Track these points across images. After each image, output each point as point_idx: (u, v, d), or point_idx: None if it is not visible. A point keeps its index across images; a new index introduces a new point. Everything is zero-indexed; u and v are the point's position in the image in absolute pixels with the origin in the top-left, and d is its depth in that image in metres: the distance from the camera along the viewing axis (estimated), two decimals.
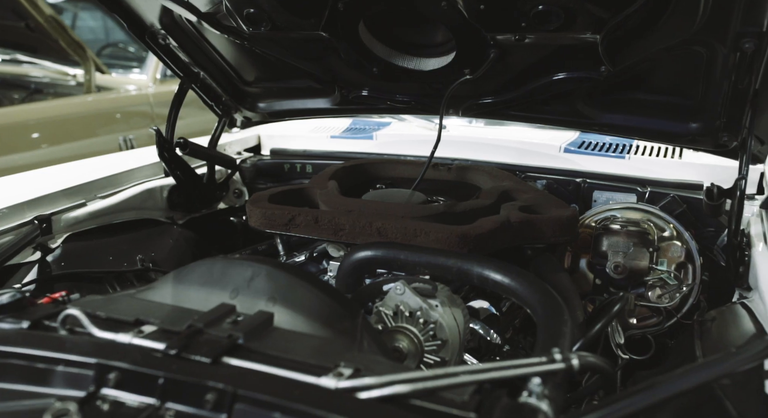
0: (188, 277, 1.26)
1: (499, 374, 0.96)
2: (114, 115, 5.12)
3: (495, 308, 1.71)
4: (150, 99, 5.38)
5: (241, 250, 2.19)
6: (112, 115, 5.10)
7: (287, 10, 1.78)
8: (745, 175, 1.57)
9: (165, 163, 2.22)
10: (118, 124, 5.10)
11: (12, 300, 1.15)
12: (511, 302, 1.75)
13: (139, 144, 5.13)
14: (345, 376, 0.96)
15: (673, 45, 1.61)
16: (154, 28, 2.06)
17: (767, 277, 1.46)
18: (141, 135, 5.23)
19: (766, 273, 1.47)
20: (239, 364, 1.00)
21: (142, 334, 1.08)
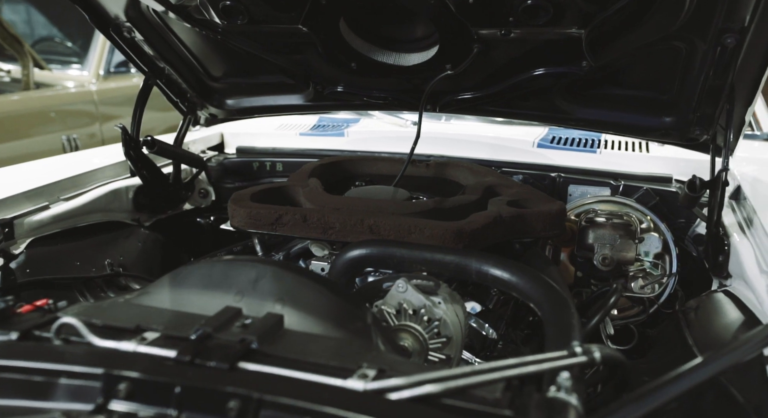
0: (187, 280, 1.20)
1: (526, 370, 0.95)
2: (55, 113, 4.88)
3: (482, 305, 1.70)
4: (94, 96, 5.16)
5: (217, 251, 2.11)
6: (53, 113, 4.86)
7: (266, 3, 1.72)
8: (726, 167, 1.62)
9: (131, 162, 2.12)
10: (60, 123, 4.87)
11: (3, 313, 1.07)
12: (497, 298, 1.76)
13: (83, 144, 4.91)
14: (370, 377, 0.93)
15: (655, 41, 1.64)
16: (118, 20, 1.96)
17: (752, 264, 1.50)
18: (85, 134, 5.02)
19: (751, 261, 1.52)
20: (258, 369, 0.95)
21: (146, 341, 1.02)
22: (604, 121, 2.01)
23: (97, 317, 1.09)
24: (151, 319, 1.09)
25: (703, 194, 1.69)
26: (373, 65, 1.93)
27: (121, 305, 1.16)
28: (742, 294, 1.52)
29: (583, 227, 1.79)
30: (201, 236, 2.52)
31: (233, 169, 2.56)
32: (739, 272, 1.57)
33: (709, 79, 1.69)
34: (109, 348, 1.00)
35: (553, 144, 2.40)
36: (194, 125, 2.50)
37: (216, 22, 1.83)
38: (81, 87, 5.20)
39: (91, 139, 5.12)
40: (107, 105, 5.30)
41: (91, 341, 1.01)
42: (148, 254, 2.13)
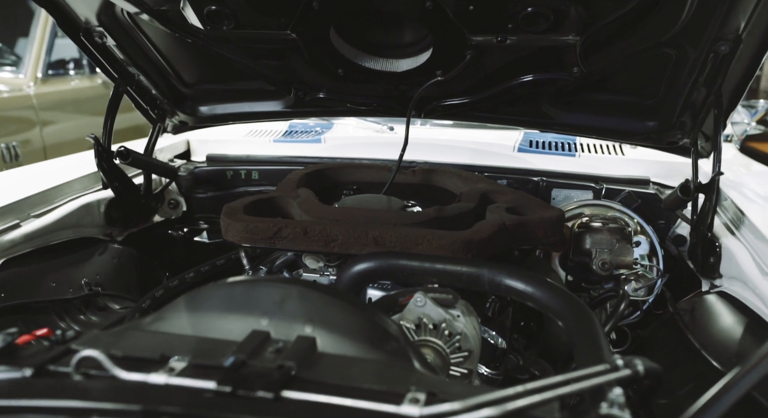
0: (205, 303, 1.13)
1: (576, 387, 0.93)
2: None
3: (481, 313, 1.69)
4: (33, 101, 4.89)
5: (200, 266, 2.02)
6: None
7: (256, 9, 1.66)
8: (720, 171, 1.65)
9: (103, 174, 2.00)
10: None
11: (4, 345, 0.98)
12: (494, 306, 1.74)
13: (24, 152, 4.65)
14: (422, 401, 0.89)
15: (647, 48, 1.66)
16: (89, 25, 1.85)
17: (751, 266, 1.54)
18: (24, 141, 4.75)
19: (749, 262, 1.56)
20: (304, 397, 0.90)
21: (175, 372, 0.95)
22: (588, 125, 2.04)
23: (113, 347, 1.02)
24: (173, 347, 1.02)
25: (694, 198, 1.73)
26: (360, 71, 1.89)
27: (137, 333, 1.08)
28: (741, 295, 1.56)
29: (579, 232, 1.80)
30: (174, 249, 2.41)
31: (205, 179, 2.47)
32: (735, 274, 1.61)
33: (697, 86, 1.73)
34: (138, 382, 0.93)
35: (532, 148, 2.42)
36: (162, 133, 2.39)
37: (197, 27, 1.75)
38: (18, 91, 4.93)
39: (30, 146, 4.86)
40: (48, 110, 5.05)
41: (116, 374, 0.93)
42: (123, 271, 2.02)
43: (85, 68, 6.24)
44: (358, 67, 1.88)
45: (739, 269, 1.58)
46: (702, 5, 1.46)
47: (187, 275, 1.94)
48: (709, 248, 1.73)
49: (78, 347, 1.00)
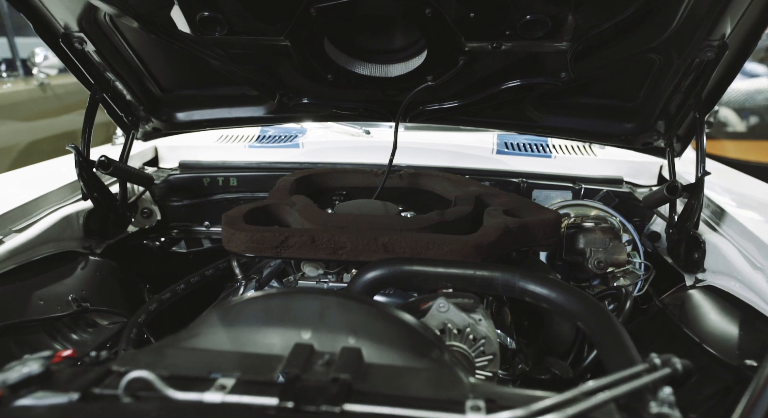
0: (241, 317, 1.10)
1: (626, 388, 0.96)
2: None
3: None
4: None
5: (189, 277, 1.96)
6: None
7: (252, 15, 1.63)
8: (706, 171, 1.73)
9: (83, 184, 1.92)
10: None
11: (44, 369, 0.93)
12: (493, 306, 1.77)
13: None
14: (483, 409, 0.90)
15: (634, 54, 1.73)
16: (69, 30, 1.77)
17: (739, 259, 1.62)
18: None
19: (736, 256, 1.64)
20: (367, 409, 0.90)
21: (227, 389, 0.93)
22: (569, 128, 2.10)
23: (154, 366, 0.99)
24: (217, 364, 1.00)
25: (679, 196, 1.80)
26: (350, 77, 1.89)
27: (175, 351, 1.05)
28: (729, 288, 1.64)
29: (573, 232, 1.85)
30: (150, 260, 2.34)
31: (180, 186, 2.40)
32: (721, 268, 1.69)
33: (678, 90, 1.81)
34: (193, 401, 0.91)
35: (509, 150, 2.47)
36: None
37: (186, 33, 1.71)
38: None
39: None
40: None
41: (168, 395, 0.90)
42: (106, 284, 1.95)
43: (19, 70, 5.95)
44: (348, 72, 1.87)
45: (727, 263, 1.66)
46: (693, 12, 1.53)
47: (178, 287, 1.88)
48: (693, 244, 1.81)
49: (120, 368, 0.97)
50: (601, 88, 1.99)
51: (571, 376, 1.46)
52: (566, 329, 1.67)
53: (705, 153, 1.75)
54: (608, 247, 1.76)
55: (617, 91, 1.99)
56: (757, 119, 6.73)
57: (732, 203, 1.95)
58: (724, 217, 1.84)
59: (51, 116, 5.74)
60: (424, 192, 2.09)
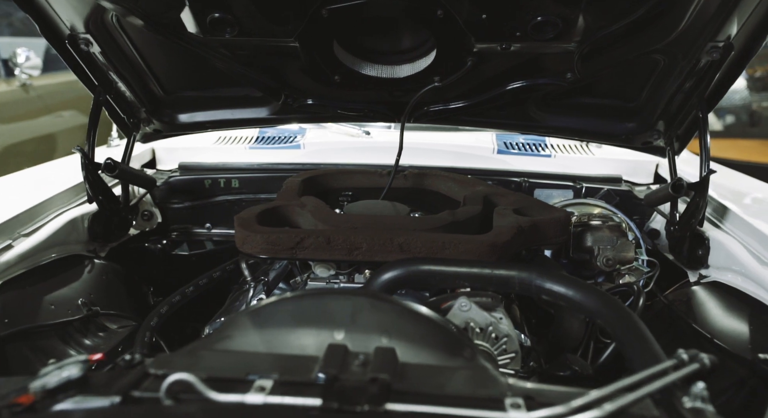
0: (273, 318, 1.11)
1: (661, 383, 0.97)
2: None
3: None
4: None
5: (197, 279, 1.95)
6: None
7: (263, 16, 1.63)
8: (711, 169, 1.77)
9: (89, 187, 1.90)
10: None
11: (83, 373, 0.93)
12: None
13: None
14: (523, 406, 0.92)
15: (640, 54, 1.76)
16: (75, 32, 1.76)
17: (745, 255, 1.66)
18: None
19: (742, 252, 1.68)
20: (410, 409, 0.91)
21: (266, 391, 0.93)
22: (571, 128, 2.13)
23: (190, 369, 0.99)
24: (253, 365, 1.00)
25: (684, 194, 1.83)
26: (357, 78, 1.89)
27: (210, 354, 1.05)
28: (735, 284, 1.67)
29: (580, 231, 1.88)
30: (152, 263, 2.32)
31: (181, 188, 2.38)
32: (727, 264, 1.73)
33: (681, 90, 1.84)
34: (235, 403, 0.91)
35: (509, 150, 2.49)
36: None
37: (194, 34, 1.70)
38: None
39: None
40: None
41: (210, 397, 0.90)
42: (112, 288, 1.93)
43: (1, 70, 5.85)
44: (355, 73, 1.88)
45: (732, 259, 1.69)
46: (701, 13, 1.56)
47: (187, 290, 1.87)
48: (697, 241, 1.85)
49: (157, 371, 0.97)
50: (603, 88, 2.01)
51: (590, 372, 1.48)
52: (576, 326, 1.69)
53: (709, 152, 1.78)
54: (616, 245, 1.79)
55: (619, 91, 2.02)
56: (733, 118, 6.88)
57: (731, 200, 1.99)
58: (726, 214, 1.87)
59: (33, 118, 5.66)
60: (429, 192, 2.10)
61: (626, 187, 2.32)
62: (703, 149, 1.80)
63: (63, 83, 5.80)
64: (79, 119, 5.70)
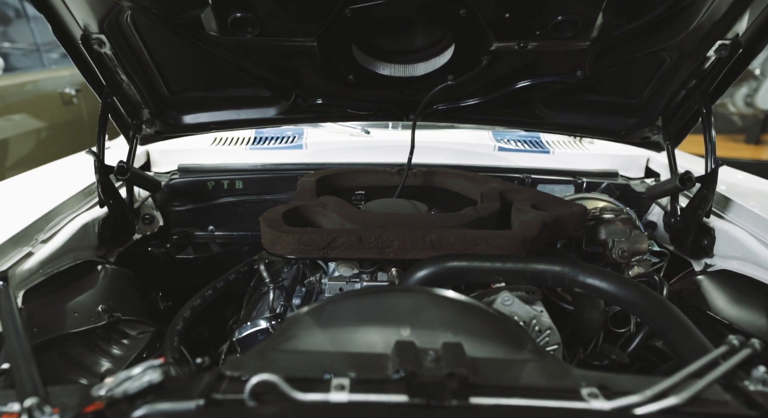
0: (336, 318, 1.11)
1: (724, 369, 1.01)
2: None
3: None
4: None
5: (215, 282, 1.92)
6: None
7: (286, 16, 1.63)
8: (720, 162, 1.84)
9: (102, 191, 1.86)
10: None
11: (163, 378, 0.92)
12: None
13: None
14: (600, 395, 0.94)
15: (650, 52, 1.81)
16: (88, 31, 1.72)
17: (754, 243, 1.73)
18: None
19: (751, 241, 1.75)
20: (494, 402, 0.93)
21: (346, 389, 0.94)
22: (575, 124, 2.18)
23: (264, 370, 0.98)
24: (326, 364, 1.00)
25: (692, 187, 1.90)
26: (371, 77, 1.90)
27: (280, 354, 1.05)
28: (744, 272, 1.75)
29: (594, 224, 1.92)
30: (158, 267, 2.28)
31: (183, 191, 2.35)
32: (737, 254, 1.80)
33: (686, 86, 1.91)
34: (320, 402, 0.91)
35: (509, 147, 2.53)
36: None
37: (211, 34, 1.69)
38: None
39: None
40: None
41: (294, 397, 0.91)
42: (126, 293, 1.90)
43: None
44: (369, 72, 1.89)
45: (743, 249, 1.76)
46: (714, 11, 1.62)
47: (206, 293, 1.85)
48: (703, 232, 1.92)
49: (234, 373, 0.97)
50: (607, 85, 2.07)
51: (627, 361, 1.52)
52: (595, 317, 1.74)
53: (714, 145, 1.85)
54: (630, 237, 1.85)
55: (623, 88, 2.07)
56: None
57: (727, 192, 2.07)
58: (729, 205, 1.95)
59: None
60: (440, 190, 2.13)
61: (624, 181, 2.39)
62: (708, 143, 1.87)
63: (13, 85, 5.58)
64: (30, 123, 5.45)
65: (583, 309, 1.76)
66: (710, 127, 1.87)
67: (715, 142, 1.85)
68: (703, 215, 1.88)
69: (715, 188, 1.83)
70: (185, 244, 2.37)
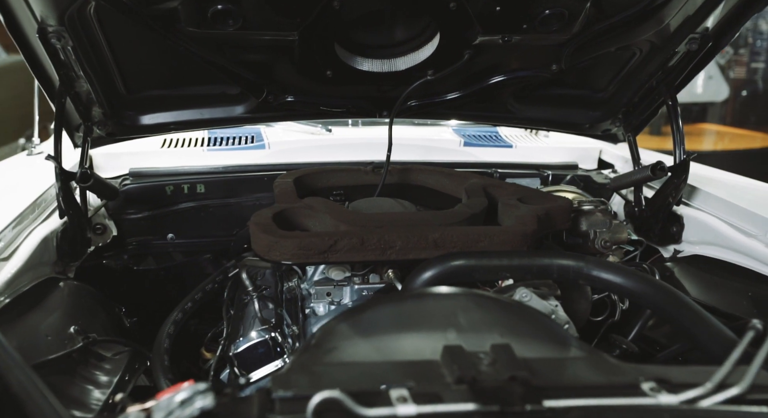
0: (376, 325, 1.06)
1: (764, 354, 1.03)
2: None
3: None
4: None
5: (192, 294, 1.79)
6: None
7: (271, 8, 1.54)
8: (691, 152, 1.90)
9: (63, 200, 1.70)
10: None
11: (216, 403, 0.84)
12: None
13: None
14: (665, 390, 0.94)
15: (624, 45, 1.85)
16: (45, 24, 1.55)
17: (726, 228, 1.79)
18: None
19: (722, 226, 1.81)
20: (566, 404, 0.90)
21: (408, 400, 0.89)
22: (543, 118, 2.20)
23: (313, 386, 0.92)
24: (380, 375, 0.95)
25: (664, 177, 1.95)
26: (349, 72, 1.84)
27: (326, 368, 0.98)
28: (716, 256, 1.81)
29: (575, 216, 1.94)
30: (117, 281, 2.11)
31: (139, 197, 2.18)
32: (706, 239, 1.86)
33: (653, 79, 1.96)
34: (387, 416, 0.86)
35: (474, 142, 2.53)
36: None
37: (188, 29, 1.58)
38: None
39: None
40: None
41: (360, 413, 0.85)
42: (93, 312, 1.74)
43: None
44: (348, 68, 1.82)
45: (715, 234, 1.82)
46: (689, 6, 1.66)
47: (186, 306, 1.73)
48: (672, 219, 1.98)
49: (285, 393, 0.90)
50: (576, 79, 2.10)
51: (636, 350, 1.54)
52: (584, 307, 1.76)
53: (683, 136, 1.92)
54: (610, 227, 1.88)
55: (591, 82, 2.11)
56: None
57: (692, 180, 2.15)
58: (696, 193, 2.02)
59: None
60: (416, 187, 2.09)
61: (585, 173, 2.44)
62: (676, 134, 1.93)
63: None
64: None
65: (573, 300, 1.78)
66: (677, 118, 1.93)
67: (683, 133, 1.91)
68: (673, 203, 1.94)
69: (687, 178, 1.90)
70: (144, 254, 2.21)
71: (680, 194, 1.93)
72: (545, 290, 1.38)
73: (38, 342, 1.41)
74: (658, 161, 1.94)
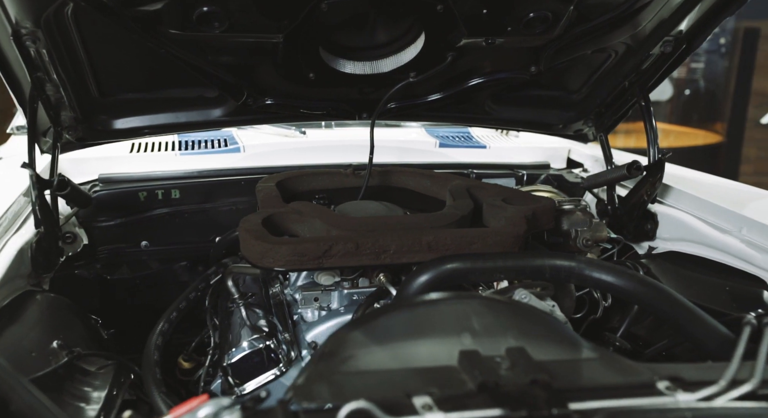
0: (390, 332, 1.05)
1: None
2: None
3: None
4: None
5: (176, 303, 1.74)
6: None
7: (258, 10, 1.51)
8: (667, 152, 1.95)
9: (39, 210, 1.63)
10: None
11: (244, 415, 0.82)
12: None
13: None
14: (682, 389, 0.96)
15: (599, 48, 1.88)
16: (19, 26, 1.48)
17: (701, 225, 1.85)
18: None
19: (697, 223, 1.87)
20: (589, 406, 0.92)
21: (434, 408, 0.89)
22: (518, 119, 2.23)
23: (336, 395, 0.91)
24: (400, 383, 0.95)
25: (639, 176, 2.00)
26: (332, 74, 1.82)
27: (345, 378, 0.97)
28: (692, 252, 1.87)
29: (556, 216, 1.97)
30: (90, 292, 2.04)
31: (110, 203, 2.11)
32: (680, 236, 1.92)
33: (627, 80, 2.01)
34: None
35: (449, 142, 2.54)
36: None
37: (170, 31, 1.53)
38: None
39: None
40: None
41: None
42: (73, 324, 1.68)
43: None
44: (331, 70, 1.81)
45: (688, 230, 1.88)
46: (665, 9, 1.71)
47: (171, 316, 1.68)
48: (647, 217, 2.04)
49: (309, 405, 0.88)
50: (552, 80, 2.13)
51: (629, 347, 1.58)
52: (568, 305, 1.79)
53: (657, 135, 1.97)
54: (591, 226, 1.92)
55: (565, 83, 2.15)
56: None
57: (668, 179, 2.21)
58: (668, 191, 2.07)
59: None
60: (398, 189, 2.09)
61: (557, 172, 2.48)
62: (650, 133, 1.98)
63: None
64: None
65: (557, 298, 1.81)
66: (651, 118, 1.98)
67: (657, 132, 1.97)
68: (648, 201, 1.99)
69: (663, 176, 1.95)
70: (118, 263, 2.14)
71: (655, 192, 1.98)
72: (541, 291, 1.40)
73: (23, 359, 1.35)
74: (634, 160, 1.99)
